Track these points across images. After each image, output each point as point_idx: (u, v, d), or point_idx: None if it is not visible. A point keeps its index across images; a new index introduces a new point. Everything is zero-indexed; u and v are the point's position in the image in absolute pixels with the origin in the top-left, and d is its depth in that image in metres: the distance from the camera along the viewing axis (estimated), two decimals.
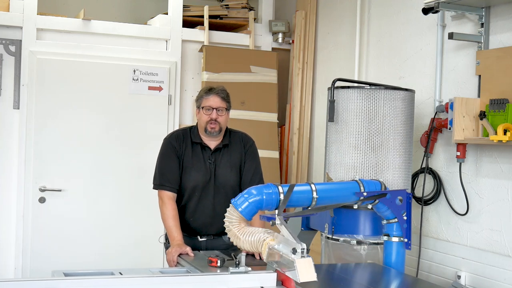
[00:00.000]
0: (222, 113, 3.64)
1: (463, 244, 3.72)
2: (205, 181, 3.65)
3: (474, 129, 3.52)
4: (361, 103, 3.46)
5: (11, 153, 4.96)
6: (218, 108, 3.63)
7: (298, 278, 2.42)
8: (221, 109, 3.64)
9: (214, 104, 3.62)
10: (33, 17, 4.93)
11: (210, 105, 3.62)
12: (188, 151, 3.69)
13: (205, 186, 3.66)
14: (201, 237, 3.72)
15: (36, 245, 4.95)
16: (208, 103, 3.63)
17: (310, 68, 5.42)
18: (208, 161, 3.68)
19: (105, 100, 5.12)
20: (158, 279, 2.64)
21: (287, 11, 5.89)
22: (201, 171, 3.66)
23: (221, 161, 3.69)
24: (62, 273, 2.76)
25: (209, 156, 3.69)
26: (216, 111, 3.62)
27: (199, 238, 3.72)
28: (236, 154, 3.73)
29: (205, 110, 3.63)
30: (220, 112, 3.63)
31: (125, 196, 5.15)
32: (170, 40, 5.34)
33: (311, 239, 3.72)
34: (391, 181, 3.44)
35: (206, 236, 3.71)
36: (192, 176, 3.65)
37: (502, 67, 3.40)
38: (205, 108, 3.63)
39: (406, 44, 4.25)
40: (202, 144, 3.69)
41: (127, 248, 5.13)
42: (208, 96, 3.64)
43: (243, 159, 3.74)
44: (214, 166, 3.68)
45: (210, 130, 3.62)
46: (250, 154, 3.76)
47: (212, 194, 3.66)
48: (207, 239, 3.72)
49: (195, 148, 3.70)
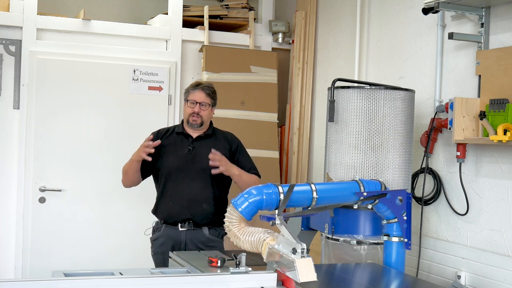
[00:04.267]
0: (205, 108, 3.95)
1: (463, 244, 3.72)
2: (182, 165, 3.91)
3: (474, 129, 3.52)
4: (361, 103, 3.46)
5: (11, 153, 4.96)
6: (201, 103, 3.94)
7: (298, 278, 2.41)
8: (205, 104, 3.94)
9: (199, 99, 3.93)
10: (33, 17, 4.93)
11: (194, 99, 3.94)
12: (169, 140, 4.00)
13: (183, 170, 3.91)
14: (182, 226, 3.90)
15: (36, 245, 4.95)
16: (193, 97, 3.95)
17: (310, 68, 5.42)
18: (188, 147, 3.94)
19: (105, 100, 5.12)
20: (158, 279, 2.64)
21: (287, 11, 5.89)
22: (179, 156, 3.93)
23: (203, 148, 3.94)
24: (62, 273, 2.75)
25: (189, 143, 3.96)
26: (200, 105, 3.92)
27: (180, 227, 3.90)
28: (220, 146, 3.97)
29: (190, 103, 3.96)
30: (203, 106, 3.94)
31: (125, 195, 5.14)
32: (170, 40, 5.34)
33: (311, 239, 3.72)
34: (391, 181, 3.44)
35: (186, 225, 3.89)
36: (168, 161, 3.95)
37: (502, 67, 3.40)
38: (189, 102, 3.96)
39: (406, 44, 4.25)
40: (184, 133, 3.99)
41: (127, 248, 5.13)
42: (194, 90, 3.96)
43: (233, 156, 3.99)
44: (193, 151, 3.93)
45: (192, 122, 3.94)
46: (240, 151, 4.06)
47: (190, 177, 3.90)
48: (187, 229, 3.89)
49: (177, 137, 4.01)
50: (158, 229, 4.00)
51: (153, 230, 4.06)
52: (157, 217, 4.05)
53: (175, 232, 3.91)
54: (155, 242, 4.00)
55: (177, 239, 3.90)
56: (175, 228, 3.92)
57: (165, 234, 3.94)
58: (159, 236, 3.98)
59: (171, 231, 3.92)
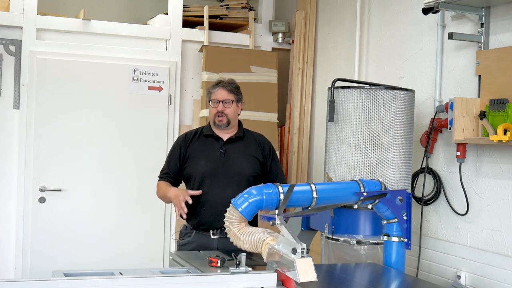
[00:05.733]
0: (228, 105, 3.76)
1: (463, 244, 3.72)
2: (215, 169, 3.73)
3: (474, 129, 3.52)
4: (361, 103, 3.46)
5: (11, 153, 4.96)
6: (224, 101, 3.75)
7: (298, 278, 2.42)
8: (228, 101, 3.76)
9: (220, 97, 3.75)
10: (33, 17, 4.93)
11: (216, 98, 3.76)
12: (198, 143, 3.81)
13: (216, 175, 3.73)
14: (214, 233, 3.72)
15: (36, 245, 4.95)
16: (215, 96, 3.77)
17: (310, 68, 5.42)
18: (220, 151, 3.77)
19: (105, 100, 5.12)
20: (158, 279, 2.64)
21: (287, 11, 5.89)
22: (211, 160, 3.75)
23: (235, 151, 3.78)
24: (62, 273, 2.75)
25: (221, 146, 3.78)
26: (223, 104, 3.74)
27: (212, 235, 3.72)
28: (252, 148, 3.81)
29: (213, 103, 3.78)
30: (226, 104, 3.75)
31: (125, 196, 5.15)
32: (170, 40, 5.34)
33: (311, 239, 3.72)
34: (391, 181, 3.44)
35: (218, 233, 3.70)
36: (199, 165, 3.75)
37: (502, 67, 3.40)
38: (212, 101, 3.78)
39: (406, 44, 4.25)
40: (214, 135, 3.80)
41: (128, 248, 5.13)
42: (214, 89, 3.78)
43: (266, 160, 3.84)
44: (226, 155, 3.76)
45: (218, 123, 3.76)
46: (273, 157, 3.89)
47: (224, 182, 3.72)
48: (219, 236, 3.70)
49: (206, 140, 3.82)
50: (188, 234, 3.82)
51: (181, 233, 3.87)
52: (187, 223, 3.84)
53: (206, 240, 3.72)
54: (185, 247, 3.80)
55: (209, 246, 3.71)
56: (206, 234, 3.73)
57: (196, 240, 3.75)
58: (189, 242, 3.79)
59: (202, 238, 3.73)
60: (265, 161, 3.86)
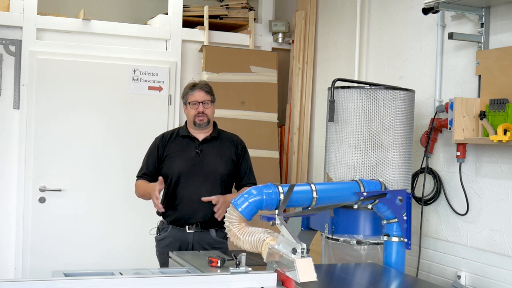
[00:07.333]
0: (208, 106, 3.94)
1: (463, 244, 3.72)
2: (191, 168, 3.88)
3: (474, 129, 3.52)
4: (361, 103, 3.46)
5: (11, 153, 4.96)
6: (203, 101, 3.92)
7: (298, 278, 2.41)
8: (207, 102, 3.93)
9: (200, 98, 3.91)
10: (33, 17, 4.93)
11: (196, 99, 3.91)
12: (174, 144, 3.98)
13: (192, 173, 3.89)
14: (189, 228, 3.87)
15: (36, 245, 4.95)
16: (194, 98, 3.92)
17: (310, 68, 5.42)
18: (196, 151, 3.92)
19: (105, 100, 5.12)
20: (158, 279, 2.64)
21: (287, 11, 5.89)
22: (187, 159, 3.91)
23: (210, 151, 3.93)
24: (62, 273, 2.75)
25: (197, 146, 3.93)
26: (202, 104, 3.91)
27: (187, 229, 3.88)
28: (226, 148, 3.98)
29: (192, 104, 3.93)
30: (206, 104, 3.93)
31: (125, 196, 5.14)
32: (170, 40, 5.34)
33: (311, 239, 3.72)
34: (391, 181, 3.44)
35: (194, 227, 3.87)
36: (176, 164, 3.91)
37: (502, 67, 3.40)
38: (191, 103, 3.93)
39: (406, 44, 4.25)
40: (190, 136, 3.96)
41: (127, 248, 5.13)
42: (192, 91, 3.94)
43: (239, 159, 4.00)
44: (201, 155, 3.91)
45: (199, 122, 3.92)
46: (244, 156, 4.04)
47: (200, 181, 3.88)
48: (195, 231, 3.87)
49: (182, 141, 3.98)
50: (164, 229, 3.97)
51: (158, 229, 4.03)
52: (164, 219, 4.00)
53: (182, 234, 3.88)
54: (161, 242, 3.97)
55: (184, 240, 3.88)
56: (182, 229, 3.89)
57: (172, 235, 3.91)
58: (165, 237, 3.95)
59: (178, 232, 3.90)
60: (238, 159, 4.01)
